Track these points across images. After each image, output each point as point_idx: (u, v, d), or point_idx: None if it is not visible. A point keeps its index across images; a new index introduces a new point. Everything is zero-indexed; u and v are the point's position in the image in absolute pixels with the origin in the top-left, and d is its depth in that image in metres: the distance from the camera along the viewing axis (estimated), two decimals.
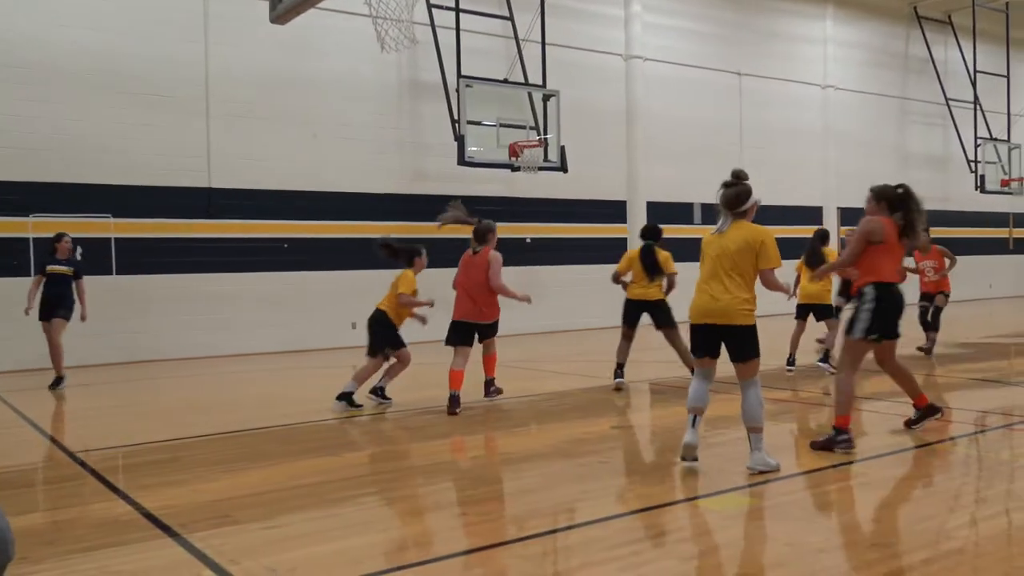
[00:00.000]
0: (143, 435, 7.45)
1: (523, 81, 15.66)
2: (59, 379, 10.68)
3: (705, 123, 19.76)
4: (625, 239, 17.80)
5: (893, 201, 6.35)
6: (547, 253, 16.92)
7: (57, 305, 10.62)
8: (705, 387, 5.77)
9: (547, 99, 15.22)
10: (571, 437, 7.22)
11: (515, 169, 14.89)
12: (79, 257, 13.01)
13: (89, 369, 12.62)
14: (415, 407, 8.68)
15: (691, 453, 5.65)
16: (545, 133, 15.12)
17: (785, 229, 20.81)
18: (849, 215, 22.51)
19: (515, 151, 14.63)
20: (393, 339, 8.79)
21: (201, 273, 13.91)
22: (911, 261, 11.80)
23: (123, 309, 13.26)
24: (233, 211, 14.18)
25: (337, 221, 15.13)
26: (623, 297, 9.52)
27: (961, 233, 13.44)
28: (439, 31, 14.74)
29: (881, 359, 6.57)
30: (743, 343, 5.59)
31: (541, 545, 4.33)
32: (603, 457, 6.39)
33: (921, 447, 6.31)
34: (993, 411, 7.61)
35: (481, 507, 5.04)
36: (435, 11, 14.80)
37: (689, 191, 19.37)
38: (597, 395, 9.19)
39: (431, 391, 9.96)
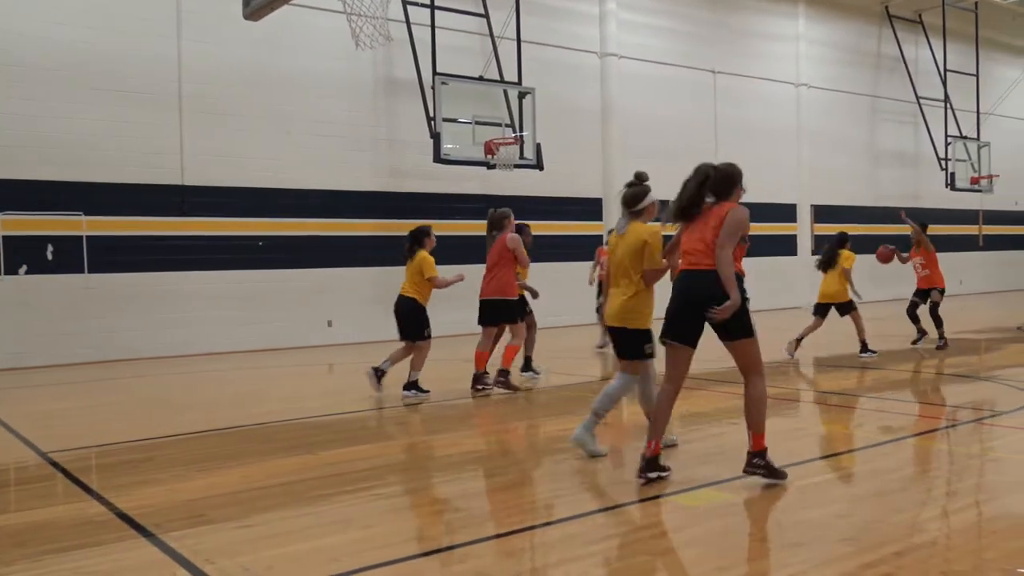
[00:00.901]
0: (117, 435, 7.38)
1: (499, 78, 15.66)
2: None
3: (680, 121, 19.86)
4: (601, 236, 17.86)
5: None
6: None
7: None
8: (648, 386, 5.91)
9: (523, 96, 15.22)
10: (548, 434, 7.24)
11: (491, 166, 14.88)
12: (50, 256, 12.90)
13: (62, 368, 12.49)
14: (392, 405, 8.66)
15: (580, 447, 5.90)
16: (521, 130, 15.13)
17: (759, 227, 21.00)
18: (822, 212, 22.75)
19: (491, 148, 14.62)
20: (424, 324, 8.86)
21: (175, 271, 13.79)
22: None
23: (96, 308, 13.13)
24: (207, 209, 14.07)
25: (312, 219, 15.06)
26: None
27: (932, 230, 13.65)
28: (414, 28, 14.70)
29: None
30: (627, 342, 5.80)
31: (519, 541, 4.34)
32: (578, 454, 6.41)
33: (893, 442, 6.40)
34: (964, 406, 7.72)
35: (458, 504, 5.04)
36: (410, 8, 14.76)
37: (664, 189, 19.33)
38: (574, 392, 9.22)
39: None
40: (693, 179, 5.32)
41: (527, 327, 9.71)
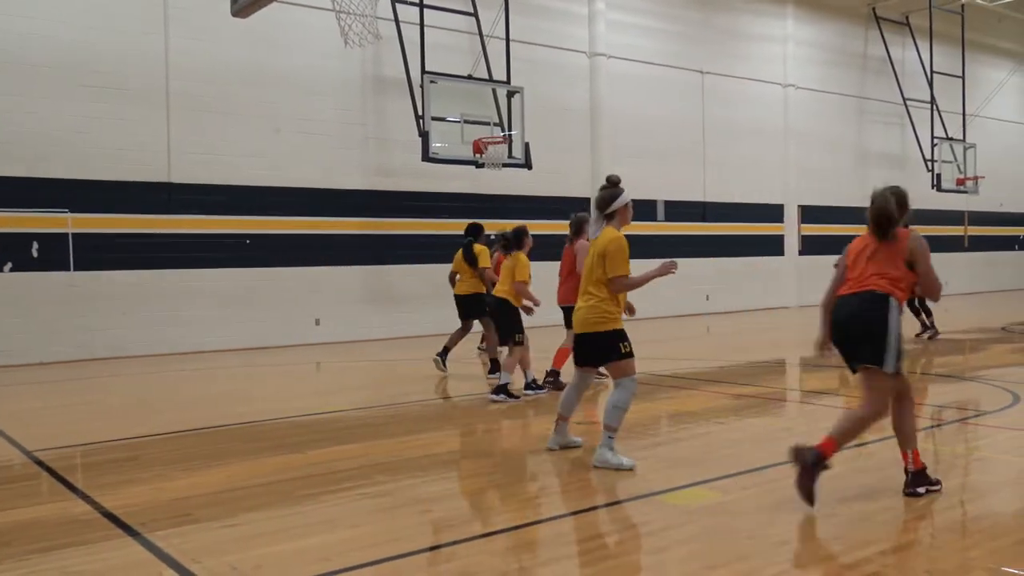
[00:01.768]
0: (102, 433, 7.34)
1: (487, 78, 15.65)
2: None
3: (668, 121, 19.91)
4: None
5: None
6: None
7: None
8: (573, 393, 6.03)
9: (511, 96, 15.21)
10: (534, 433, 7.24)
11: (479, 165, 14.87)
12: (35, 253, 12.83)
13: (47, 367, 12.41)
14: (379, 404, 8.65)
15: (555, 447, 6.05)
16: (509, 130, 15.12)
17: (746, 227, 21.11)
18: (809, 213, 22.85)
19: (479, 147, 14.60)
20: (518, 325, 8.76)
21: (161, 269, 13.72)
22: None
23: (81, 305, 13.05)
24: (193, 206, 14.01)
25: (300, 217, 15.01)
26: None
27: (918, 231, 13.86)
28: (403, 27, 14.66)
29: None
30: (598, 346, 5.69)
31: (506, 540, 4.34)
32: (565, 453, 6.42)
33: (878, 441, 6.42)
34: (948, 405, 7.77)
35: (445, 503, 5.04)
36: (399, 7, 14.72)
37: (653, 189, 19.51)
38: (561, 391, 9.21)
39: (397, 387, 9.94)
40: (892, 199, 4.87)
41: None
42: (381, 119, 15.76)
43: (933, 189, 23.43)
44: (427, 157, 14.23)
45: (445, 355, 10.62)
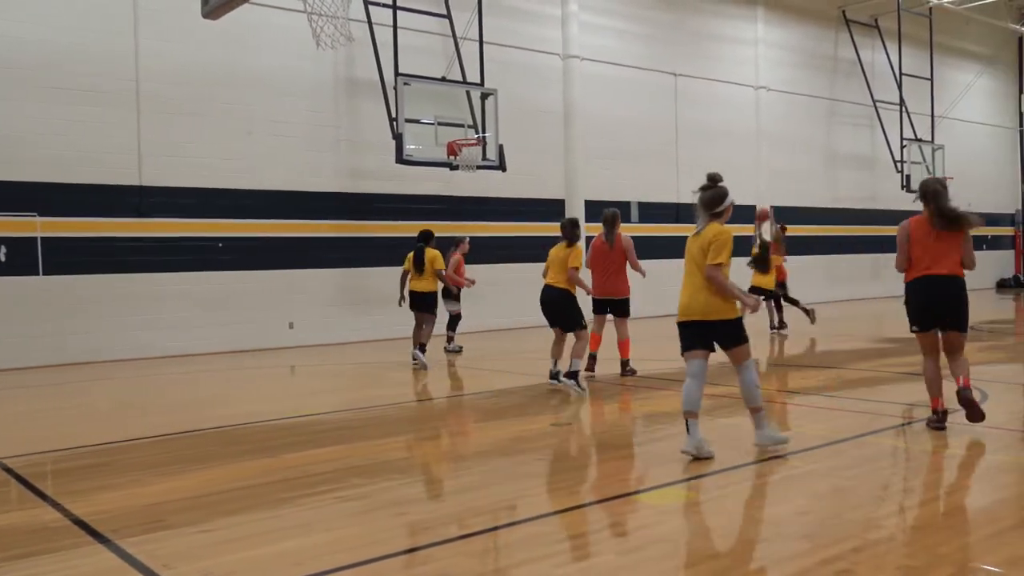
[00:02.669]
0: (73, 439, 7.25)
1: (461, 79, 15.64)
2: None
3: (641, 123, 20.00)
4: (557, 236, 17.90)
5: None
6: (485, 251, 16.91)
7: None
8: (697, 386, 5.91)
9: (485, 98, 15.22)
10: (510, 435, 7.25)
11: (453, 168, 14.85)
12: (3, 258, 12.66)
13: (17, 372, 12.24)
14: (355, 406, 8.62)
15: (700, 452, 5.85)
16: (483, 132, 15.12)
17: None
18: (781, 214, 23.02)
19: (453, 149, 14.59)
20: (580, 313, 9.18)
21: (132, 273, 13.57)
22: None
23: (51, 310, 12.88)
24: (165, 209, 13.87)
25: (273, 220, 14.91)
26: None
27: (887, 231, 13.97)
28: (376, 28, 14.61)
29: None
30: (727, 333, 5.94)
31: (482, 542, 4.34)
32: (542, 454, 6.44)
33: (850, 439, 6.50)
34: (918, 404, 7.86)
35: (422, 506, 5.03)
36: (371, 8, 14.67)
37: (626, 190, 19.59)
38: (536, 393, 9.23)
39: (372, 390, 9.92)
40: (946, 195, 6.48)
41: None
42: (354, 121, 15.71)
43: (903, 190, 23.68)
44: (401, 159, 14.19)
45: (423, 351, 11.41)
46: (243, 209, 14.59)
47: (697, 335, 5.99)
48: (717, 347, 6.08)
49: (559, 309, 9.19)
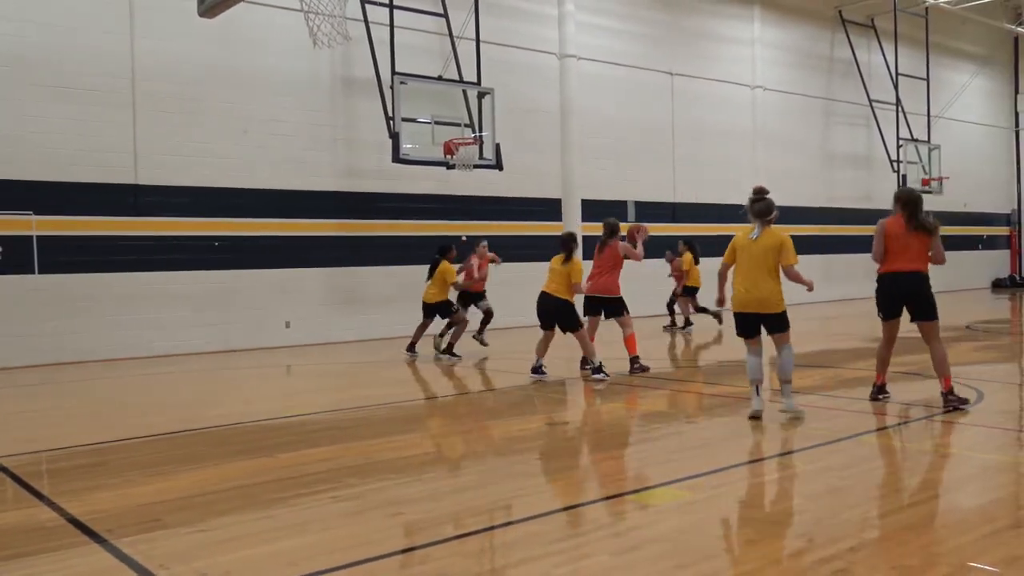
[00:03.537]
0: (69, 439, 7.24)
1: (458, 79, 15.62)
2: None
3: (638, 122, 20.01)
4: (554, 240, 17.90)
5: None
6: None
7: None
8: (759, 361, 7.30)
9: (482, 97, 15.20)
10: (506, 434, 7.25)
11: (450, 167, 14.84)
12: None
13: (11, 372, 12.21)
14: (350, 406, 8.61)
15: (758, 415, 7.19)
16: (480, 131, 15.11)
17: (716, 227, 21.22)
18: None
19: (450, 149, 14.57)
20: (578, 320, 9.99)
21: (128, 272, 13.55)
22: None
23: (46, 310, 12.86)
24: (161, 208, 13.85)
25: (269, 219, 14.89)
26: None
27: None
28: (372, 27, 14.59)
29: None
30: (777, 323, 7.18)
31: (479, 542, 4.34)
32: (538, 454, 6.43)
33: (846, 439, 6.50)
34: (915, 403, 7.87)
35: (417, 505, 5.02)
36: (368, 7, 14.65)
37: (623, 189, 19.60)
38: (532, 392, 9.23)
39: (368, 390, 9.91)
40: (922, 205, 7.57)
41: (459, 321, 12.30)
42: (351, 120, 15.69)
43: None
44: (397, 158, 14.17)
45: (451, 351, 12.30)
46: (239, 208, 14.57)
47: (753, 324, 7.23)
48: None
49: (556, 316, 9.90)
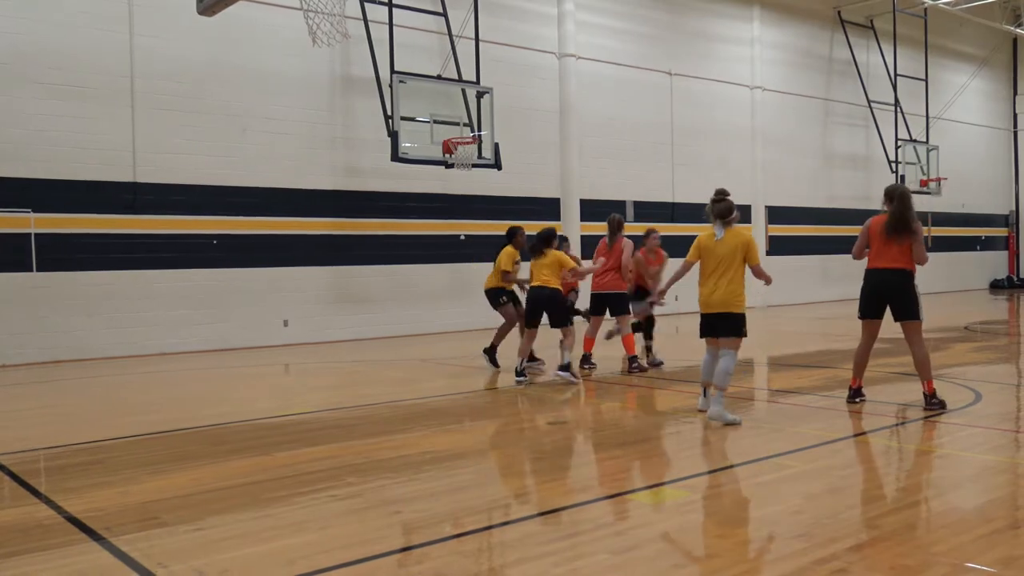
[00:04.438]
0: (66, 437, 7.23)
1: (457, 78, 15.62)
2: None
3: (637, 122, 20.02)
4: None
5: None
6: (481, 250, 16.91)
7: None
8: (714, 362, 7.22)
9: (481, 96, 15.20)
10: (505, 433, 7.25)
11: (449, 166, 14.84)
12: None
13: (9, 370, 12.20)
14: (348, 405, 8.61)
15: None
16: (479, 130, 15.11)
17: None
18: (776, 214, 23.08)
19: (449, 148, 14.57)
20: (568, 313, 10.01)
21: (126, 270, 13.54)
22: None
23: (44, 307, 12.85)
24: (159, 206, 13.84)
25: (267, 217, 14.88)
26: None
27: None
28: (372, 26, 14.59)
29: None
30: (733, 324, 7.10)
31: (477, 541, 4.34)
32: (536, 453, 6.43)
33: (844, 439, 6.51)
34: (912, 404, 7.88)
35: (415, 504, 5.02)
36: (368, 6, 14.64)
37: (622, 189, 19.60)
38: (532, 391, 9.23)
39: (366, 389, 9.90)
40: (910, 202, 7.38)
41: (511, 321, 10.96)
42: (350, 119, 15.68)
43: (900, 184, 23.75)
44: (396, 157, 14.17)
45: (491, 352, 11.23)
46: (237, 206, 14.56)
47: (715, 325, 7.20)
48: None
49: (548, 306, 9.74)
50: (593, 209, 18.59)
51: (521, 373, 9.72)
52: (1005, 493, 5.15)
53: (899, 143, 24.11)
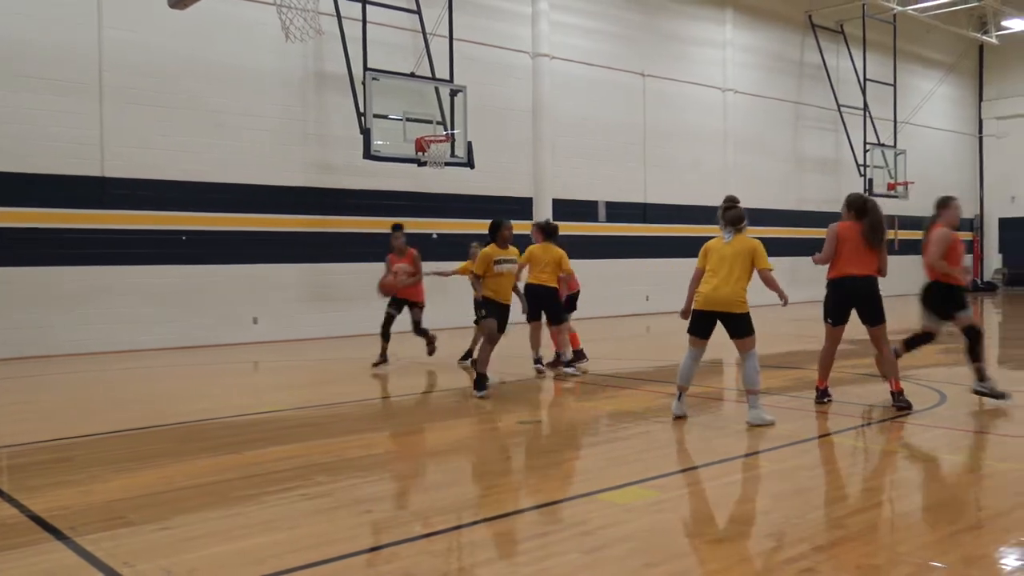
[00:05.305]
0: (30, 434, 7.13)
1: (430, 76, 15.58)
2: None
3: (610, 122, 20.08)
4: (530, 235, 17.91)
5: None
6: (453, 248, 16.88)
7: None
8: (694, 366, 7.30)
9: (454, 94, 15.18)
10: (476, 433, 7.25)
11: (422, 164, 14.80)
12: None
13: None
14: (318, 403, 8.56)
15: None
16: (452, 128, 15.09)
17: (686, 228, 21.38)
18: (747, 216, 23.23)
19: (422, 146, 14.53)
20: (561, 309, 10.34)
21: (94, 266, 13.36)
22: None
23: (9, 303, 12.64)
24: (128, 201, 13.67)
25: (238, 213, 14.75)
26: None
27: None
28: (345, 22, 14.51)
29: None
30: (740, 325, 7.08)
31: (446, 541, 4.33)
32: (507, 453, 6.44)
33: (811, 440, 6.57)
34: (878, 404, 7.98)
35: (385, 504, 5.00)
36: (341, 2, 14.57)
37: (594, 189, 19.65)
38: (503, 391, 9.23)
39: (336, 387, 9.85)
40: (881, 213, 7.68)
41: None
42: (322, 115, 15.59)
43: (865, 193, 24.01)
44: (369, 155, 14.11)
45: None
46: (208, 202, 14.43)
47: (709, 324, 7.17)
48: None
49: (548, 304, 10.16)
50: (565, 209, 18.63)
51: (569, 364, 10.28)
52: (968, 493, 5.23)
53: (867, 147, 24.40)
